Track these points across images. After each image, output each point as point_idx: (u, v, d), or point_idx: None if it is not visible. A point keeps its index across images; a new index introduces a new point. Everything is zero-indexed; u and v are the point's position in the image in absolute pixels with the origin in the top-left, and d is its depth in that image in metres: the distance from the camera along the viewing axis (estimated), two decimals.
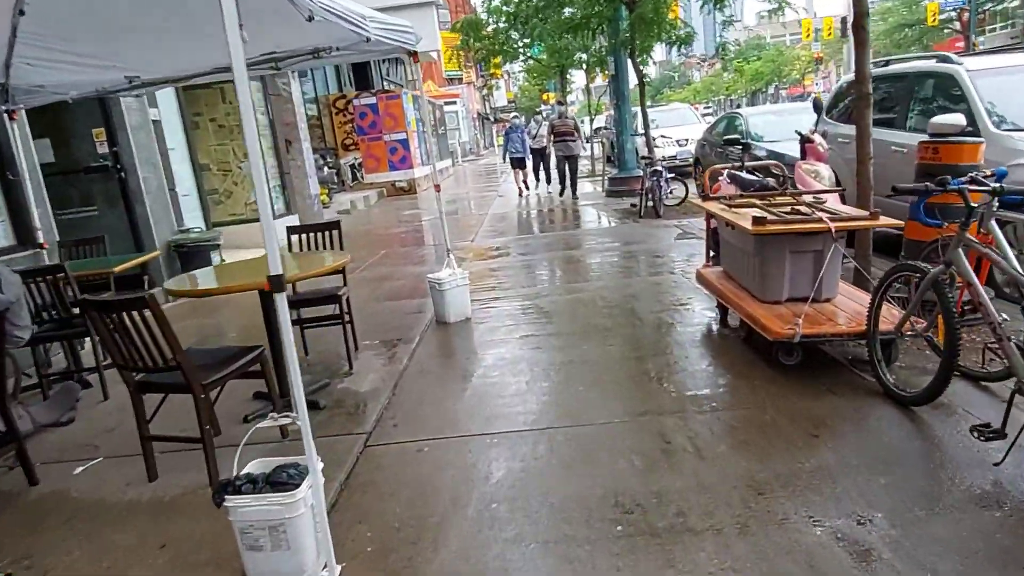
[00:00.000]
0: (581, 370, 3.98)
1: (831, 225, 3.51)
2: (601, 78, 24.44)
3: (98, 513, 2.90)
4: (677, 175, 10.73)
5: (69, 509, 2.95)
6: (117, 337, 2.80)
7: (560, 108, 13.46)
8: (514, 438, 3.21)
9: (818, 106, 6.19)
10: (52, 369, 4.69)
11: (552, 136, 13.35)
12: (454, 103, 36.41)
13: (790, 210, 3.92)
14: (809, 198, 4.22)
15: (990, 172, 3.11)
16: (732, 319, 4.56)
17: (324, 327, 4.59)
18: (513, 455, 3.04)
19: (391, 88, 19.86)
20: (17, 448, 3.08)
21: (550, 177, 14.49)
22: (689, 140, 15.58)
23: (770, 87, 79.64)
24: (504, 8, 15.06)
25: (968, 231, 2.86)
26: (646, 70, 11.44)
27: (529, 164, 14.64)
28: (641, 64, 10.75)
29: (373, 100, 17.67)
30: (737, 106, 79.99)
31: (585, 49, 17.66)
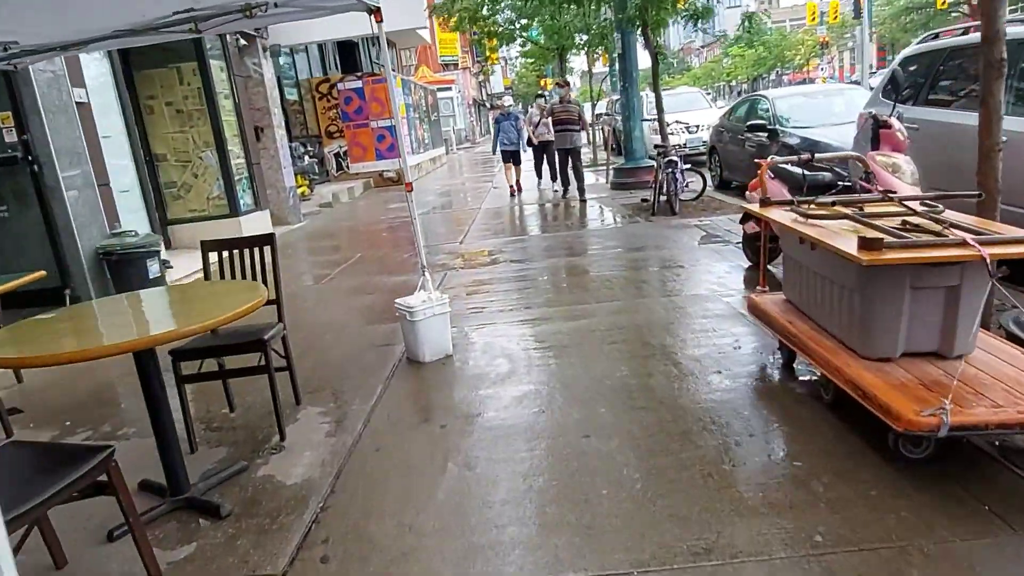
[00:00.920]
0: (600, 458, 2.77)
1: (983, 251, 2.32)
2: (602, 62, 23.13)
3: None
4: (692, 166, 9.53)
5: None
6: None
7: (561, 91, 10.91)
8: None
9: (898, 81, 4.82)
10: None
11: (550, 124, 10.97)
12: (449, 89, 35.12)
13: (901, 224, 2.73)
14: (917, 206, 3.02)
15: None
16: (801, 364, 3.39)
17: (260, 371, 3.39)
18: None
19: (379, 71, 18.49)
20: None
21: (555, 174, 11.88)
22: (701, 126, 14.34)
23: (772, 73, 78.18)
24: None
25: None
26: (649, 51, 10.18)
27: (524, 158, 12.36)
28: (655, 41, 9.50)
29: (359, 84, 16.36)
30: (739, 93, 78.65)
31: (587, 29, 16.37)
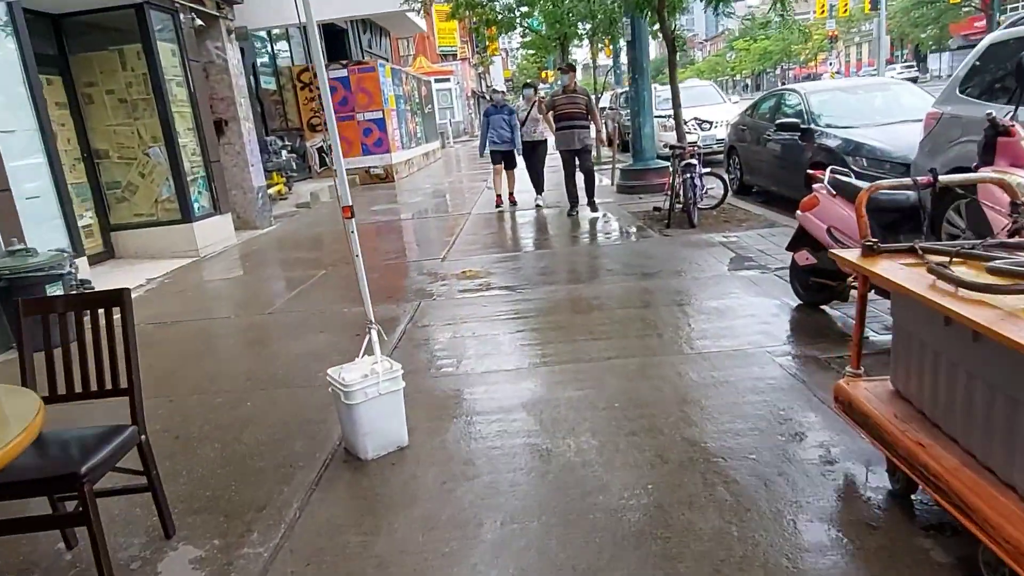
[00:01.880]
0: None
1: None
2: (605, 54, 21.85)
3: None
4: (710, 169, 8.35)
5: None
6: None
7: (566, 77, 8.82)
8: None
9: None
10: None
11: (551, 119, 8.78)
12: (447, 80, 33.91)
13: None
14: None
15: None
16: (931, 499, 2.21)
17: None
18: None
19: (369, 60, 17.24)
20: None
21: (539, 182, 9.64)
22: (715, 123, 13.10)
23: (777, 67, 76.75)
24: None
25: None
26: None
27: (521, 161, 9.73)
28: (671, 24, 8.27)
29: (344, 73, 15.15)
30: (744, 87, 77.26)
31: (591, 16, 15.12)
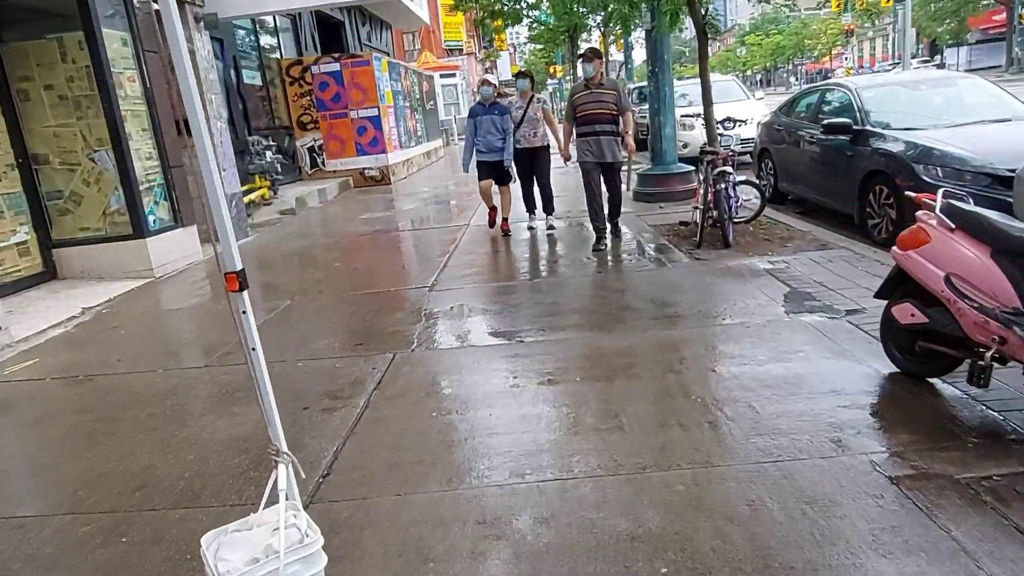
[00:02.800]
0: None
1: None
2: (616, 48, 20.65)
3: None
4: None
5: None
6: None
7: (590, 67, 6.43)
8: None
9: None
10: None
11: (572, 121, 6.57)
12: (453, 75, 32.87)
13: None
14: None
15: None
16: None
17: None
18: None
19: (364, 53, 16.07)
20: None
21: (530, 200, 7.74)
22: (739, 122, 11.89)
23: (789, 63, 75.10)
24: None
25: None
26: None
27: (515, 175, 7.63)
28: (705, 7, 7.07)
29: (336, 67, 14.04)
30: (756, 83, 75.56)
31: (604, 5, 13.96)
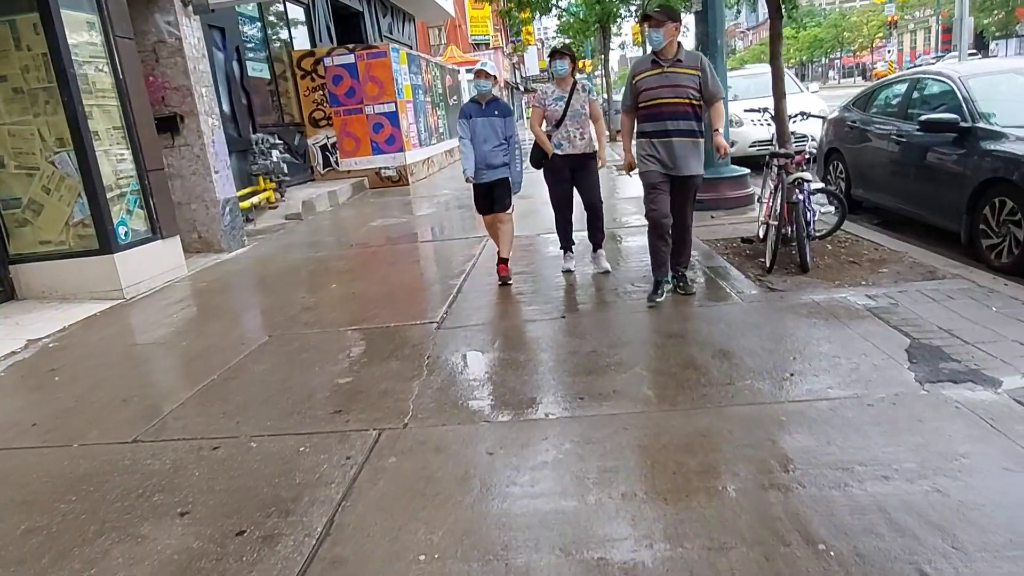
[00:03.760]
0: None
1: None
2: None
3: None
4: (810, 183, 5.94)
5: None
6: None
7: (659, 34, 4.21)
8: None
9: None
10: None
11: (633, 113, 4.60)
12: None
13: None
14: None
15: None
16: None
17: None
18: None
19: (381, 44, 14.99)
20: None
21: (566, 234, 5.58)
22: (814, 117, 10.45)
23: (826, 56, 72.67)
24: None
25: None
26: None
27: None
28: None
29: (351, 59, 13.02)
30: (801, 77, 73.07)
31: None
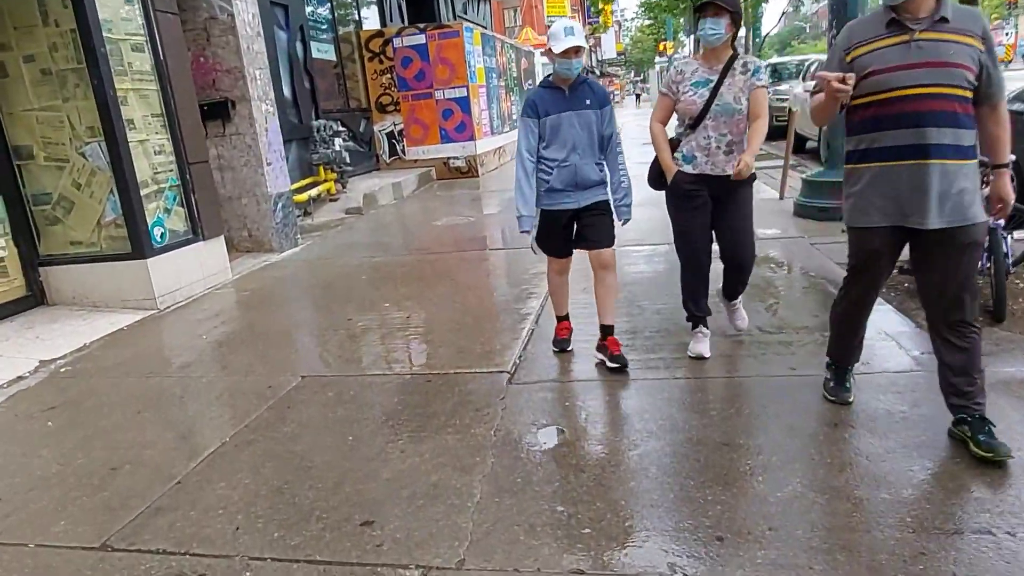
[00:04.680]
0: None
1: None
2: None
3: None
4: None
5: None
6: None
7: None
8: None
9: None
10: None
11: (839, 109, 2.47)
12: None
13: None
14: None
15: None
16: None
17: None
18: None
19: (454, 23, 14.00)
20: None
21: (743, 283, 3.52)
22: None
23: None
24: None
25: None
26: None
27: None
28: None
29: (421, 39, 12.11)
30: None
31: None
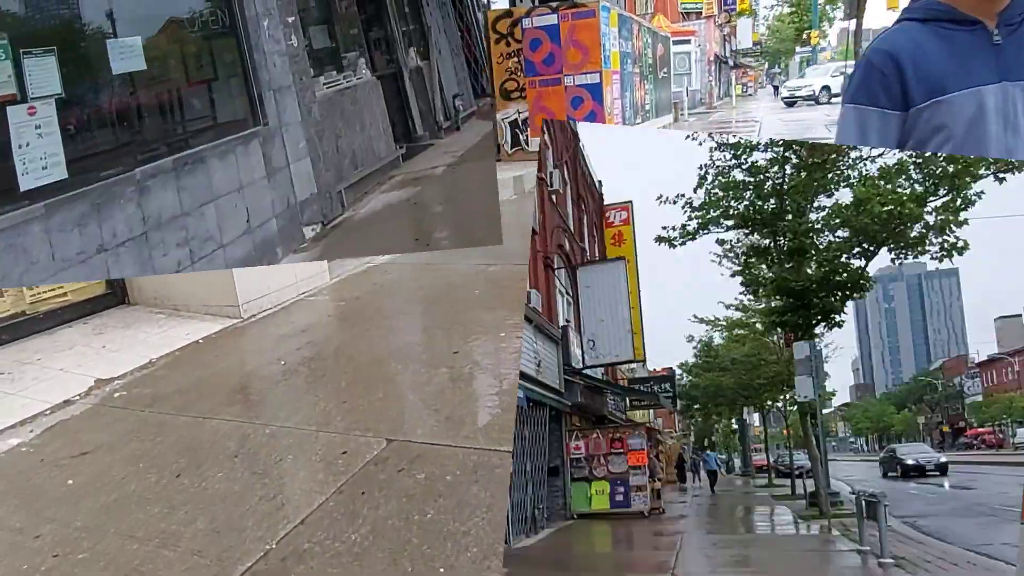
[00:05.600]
0: None
1: None
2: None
3: None
4: None
5: None
6: None
7: None
8: None
9: None
10: None
11: None
12: (687, 42, 29.08)
13: None
14: None
15: None
16: None
17: None
18: None
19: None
20: None
21: None
22: None
23: None
24: None
25: None
26: None
27: None
28: None
29: (553, 20, 11.23)
30: None
31: None
